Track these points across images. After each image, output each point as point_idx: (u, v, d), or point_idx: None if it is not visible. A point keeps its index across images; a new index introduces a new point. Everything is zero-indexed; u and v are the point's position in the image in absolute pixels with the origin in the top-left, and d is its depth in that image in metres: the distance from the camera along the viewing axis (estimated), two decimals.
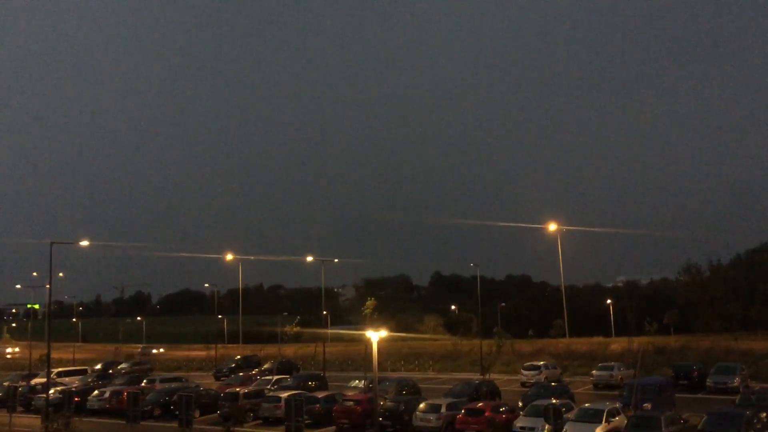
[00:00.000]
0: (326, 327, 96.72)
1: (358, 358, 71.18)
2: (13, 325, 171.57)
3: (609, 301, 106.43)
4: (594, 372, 52.93)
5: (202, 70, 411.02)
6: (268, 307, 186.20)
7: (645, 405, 35.65)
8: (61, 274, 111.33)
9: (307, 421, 32.79)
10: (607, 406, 33.81)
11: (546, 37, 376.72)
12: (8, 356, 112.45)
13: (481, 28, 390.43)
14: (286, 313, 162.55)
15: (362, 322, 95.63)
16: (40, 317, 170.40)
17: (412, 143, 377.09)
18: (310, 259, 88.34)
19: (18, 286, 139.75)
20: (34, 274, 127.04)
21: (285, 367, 66.09)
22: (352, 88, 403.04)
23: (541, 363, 57.43)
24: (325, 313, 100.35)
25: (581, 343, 75.66)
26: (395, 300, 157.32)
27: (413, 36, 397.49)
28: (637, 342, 64.80)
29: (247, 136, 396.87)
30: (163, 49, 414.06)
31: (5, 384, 56.95)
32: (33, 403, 51.32)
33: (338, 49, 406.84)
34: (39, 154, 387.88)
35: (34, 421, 44.00)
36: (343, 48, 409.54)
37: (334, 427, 39.18)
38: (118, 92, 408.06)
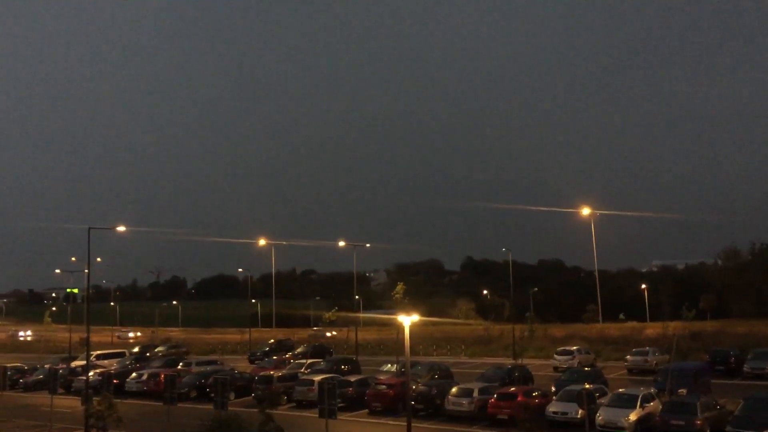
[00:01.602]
0: (358, 312, 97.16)
1: (390, 343, 71.55)
2: (53, 309, 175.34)
3: (644, 286, 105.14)
4: (628, 357, 52.47)
5: (239, 63, 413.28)
6: (301, 292, 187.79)
7: (680, 390, 35.21)
8: (99, 259, 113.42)
9: (340, 405, 33.05)
10: (642, 391, 33.47)
11: (575, 20, 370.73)
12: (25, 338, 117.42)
13: (511, 13, 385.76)
14: (318, 298, 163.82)
15: (394, 307, 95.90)
16: (79, 301, 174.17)
17: (443, 128, 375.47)
18: (342, 244, 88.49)
19: (57, 271, 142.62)
20: (73, 259, 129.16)
21: (318, 351, 66.70)
22: (383, 75, 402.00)
23: (575, 348, 57.09)
24: (357, 297, 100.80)
25: (615, 328, 74.99)
26: (427, 285, 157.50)
27: (446, 22, 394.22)
28: (672, 327, 63.99)
29: (280, 124, 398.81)
30: (206, 40, 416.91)
31: (46, 366, 58.50)
32: (73, 384, 52.61)
33: (370, 39, 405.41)
34: (77, 142, 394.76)
35: (74, 402, 45.07)
36: (375, 37, 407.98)
37: (366, 411, 39.44)
38: (154, 78, 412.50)
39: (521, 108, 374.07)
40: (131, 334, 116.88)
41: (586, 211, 76.49)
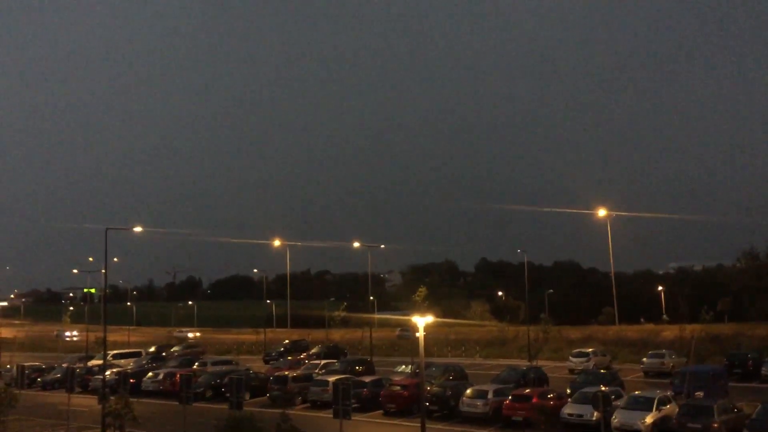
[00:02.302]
0: (373, 312, 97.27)
1: (405, 344, 71.53)
2: (71, 308, 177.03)
3: (660, 288, 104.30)
4: (644, 359, 52.12)
5: (255, 67, 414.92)
6: (315, 293, 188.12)
7: (697, 393, 34.97)
8: (115, 260, 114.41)
9: (354, 405, 33.10)
10: (658, 393, 33.27)
11: (593, 21, 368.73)
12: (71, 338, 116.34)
13: (527, 13, 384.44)
14: (333, 299, 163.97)
15: (410, 308, 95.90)
16: (96, 301, 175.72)
17: (459, 130, 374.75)
18: (356, 245, 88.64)
19: (75, 271, 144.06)
20: (90, 259, 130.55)
21: (332, 351, 66.85)
22: (398, 77, 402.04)
23: (590, 350, 56.82)
24: (372, 298, 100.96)
25: (631, 330, 74.46)
26: (441, 286, 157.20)
27: (462, 25, 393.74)
28: (690, 329, 63.44)
29: (296, 125, 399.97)
30: (222, 43, 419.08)
31: (64, 365, 59.09)
32: (90, 383, 53.13)
33: (387, 42, 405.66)
34: (94, 143, 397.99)
35: (91, 401, 45.50)
36: (392, 39, 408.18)
37: (381, 411, 39.50)
38: (171, 80, 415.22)
39: (537, 109, 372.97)
40: (68, 334, 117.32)
41: (602, 212, 76.03)
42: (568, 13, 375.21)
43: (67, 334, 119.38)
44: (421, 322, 27.10)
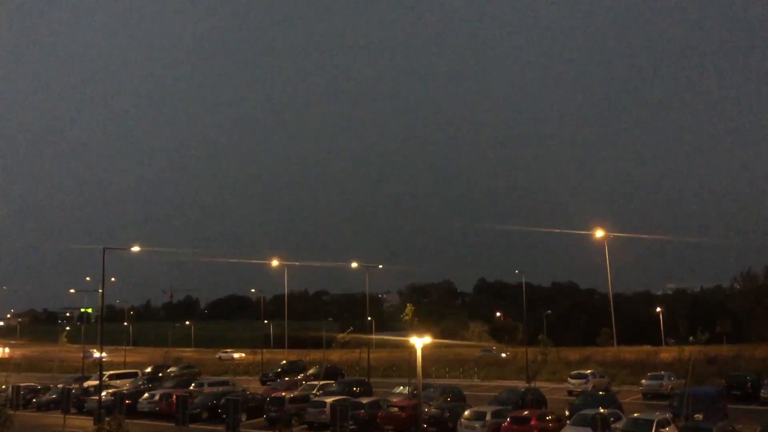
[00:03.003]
0: (370, 333, 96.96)
1: (403, 365, 71.13)
2: (67, 328, 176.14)
3: (658, 309, 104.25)
4: (643, 381, 51.88)
5: (253, 86, 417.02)
6: (313, 313, 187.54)
7: (696, 416, 34.78)
8: (113, 279, 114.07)
9: (351, 427, 32.91)
10: (657, 416, 33.08)
11: (589, 40, 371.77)
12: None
13: (530, 37, 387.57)
14: (330, 319, 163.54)
15: (407, 328, 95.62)
16: (93, 321, 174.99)
17: (457, 150, 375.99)
18: (354, 265, 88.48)
19: (72, 291, 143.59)
20: (87, 278, 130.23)
21: (330, 372, 66.47)
22: (397, 97, 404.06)
23: (589, 371, 56.58)
24: (369, 319, 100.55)
25: (630, 352, 74.21)
26: (440, 306, 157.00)
27: (461, 46, 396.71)
28: (688, 351, 63.24)
29: (294, 145, 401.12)
30: (220, 63, 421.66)
31: (59, 386, 58.71)
32: (85, 404, 52.71)
33: (383, 61, 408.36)
34: (91, 163, 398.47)
35: (87, 422, 45.10)
36: (389, 58, 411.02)
37: None
38: (167, 100, 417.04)
39: (535, 130, 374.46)
40: (97, 355, 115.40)
41: (599, 233, 76.15)
42: (562, 38, 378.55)
43: (96, 354, 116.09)
44: (419, 342, 27.06)
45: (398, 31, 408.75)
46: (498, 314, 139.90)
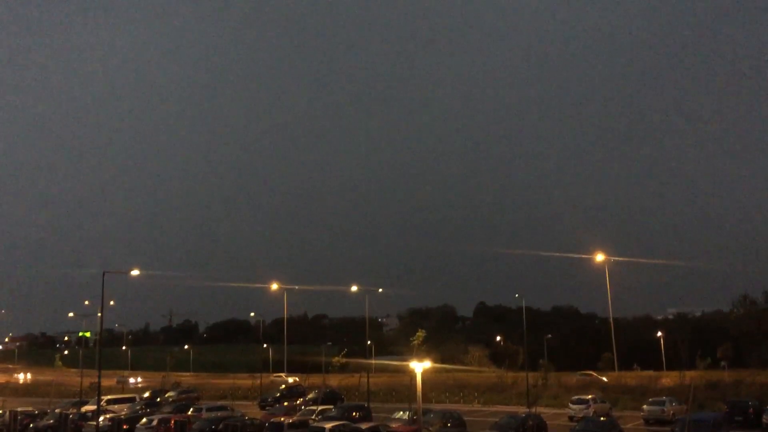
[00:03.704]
0: (370, 357, 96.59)
1: (403, 389, 70.75)
2: (65, 352, 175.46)
3: (659, 334, 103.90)
4: (644, 407, 51.62)
5: (252, 109, 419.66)
6: (313, 337, 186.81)
7: None
8: (111, 303, 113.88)
9: None
10: None
11: (588, 64, 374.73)
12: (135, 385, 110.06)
13: (523, 61, 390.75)
14: (330, 343, 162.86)
15: (407, 353, 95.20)
16: (91, 345, 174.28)
17: (457, 173, 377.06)
18: (354, 288, 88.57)
19: (71, 315, 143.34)
20: (86, 302, 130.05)
21: (329, 397, 66.07)
22: (398, 120, 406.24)
23: (590, 396, 56.27)
24: (369, 343, 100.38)
25: (631, 377, 73.87)
26: (440, 330, 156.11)
27: (464, 67, 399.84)
28: (689, 376, 62.98)
29: (293, 169, 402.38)
30: (216, 87, 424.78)
31: (57, 411, 58.27)
32: (83, 429, 52.31)
33: (383, 85, 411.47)
34: (92, 188, 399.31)
35: None
36: (389, 82, 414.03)
37: None
38: (165, 124, 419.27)
39: (536, 154, 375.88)
40: (132, 380, 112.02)
41: (600, 257, 76.21)
42: (564, 61, 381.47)
43: (132, 380, 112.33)
44: (419, 367, 26.99)
45: (401, 61, 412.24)
46: (498, 338, 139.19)
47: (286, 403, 64.22)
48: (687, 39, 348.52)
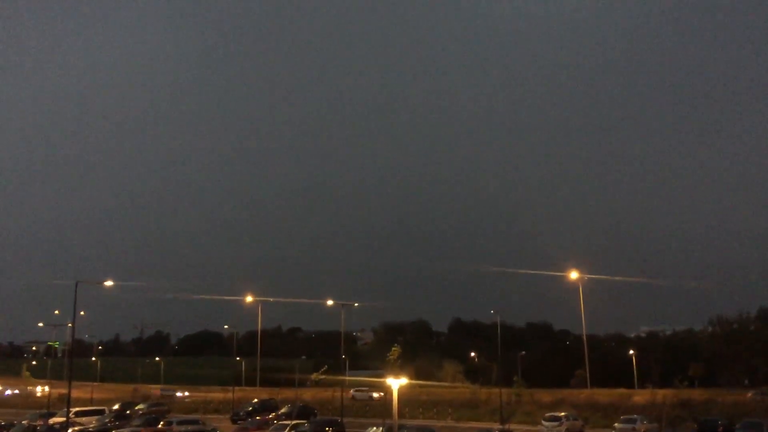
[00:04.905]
0: (345, 371, 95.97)
1: (376, 404, 70.46)
2: (33, 363, 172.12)
3: (632, 352, 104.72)
4: (616, 424, 51.93)
5: (229, 120, 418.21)
6: (286, 350, 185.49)
7: None
8: (82, 313, 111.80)
9: None
10: None
11: (570, 86, 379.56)
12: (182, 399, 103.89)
13: (509, 79, 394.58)
14: (304, 357, 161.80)
15: (382, 367, 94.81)
16: (60, 355, 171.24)
17: (433, 189, 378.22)
18: (330, 302, 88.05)
19: (40, 324, 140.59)
20: (56, 312, 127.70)
21: (303, 411, 65.58)
22: (374, 135, 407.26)
23: (562, 414, 56.48)
24: (344, 357, 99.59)
25: (603, 394, 74.31)
26: (414, 345, 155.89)
27: (443, 87, 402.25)
28: (661, 394, 63.48)
29: (267, 181, 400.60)
30: (204, 102, 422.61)
31: (24, 423, 57.12)
32: None
33: (367, 95, 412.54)
34: (65, 196, 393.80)
35: None
36: (371, 92, 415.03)
37: None
38: (140, 135, 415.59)
39: (511, 172, 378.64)
40: (179, 393, 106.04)
41: (574, 274, 76.79)
42: (542, 78, 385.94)
43: (179, 393, 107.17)
44: (395, 384, 26.90)
45: (386, 71, 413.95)
46: (472, 354, 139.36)
47: (258, 417, 63.62)
48: (680, 58, 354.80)
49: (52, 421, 59.55)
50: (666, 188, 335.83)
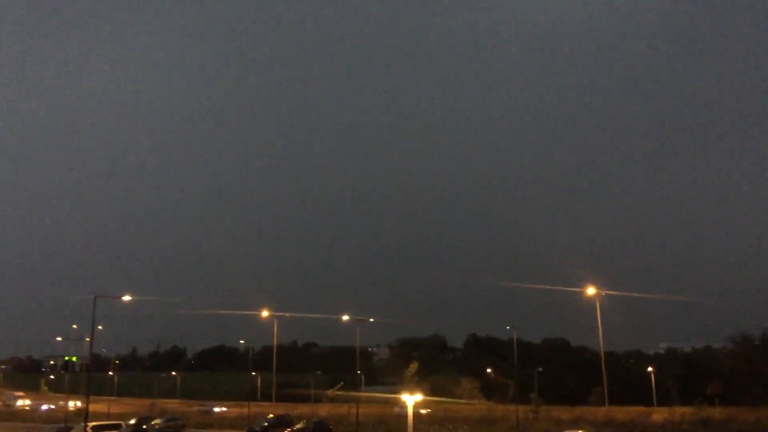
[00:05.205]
0: (360, 387, 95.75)
1: (392, 420, 70.15)
2: (51, 377, 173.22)
3: (650, 369, 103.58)
4: None
5: (242, 137, 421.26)
6: (302, 365, 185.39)
7: None
8: (100, 327, 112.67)
9: None
10: None
11: (588, 102, 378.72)
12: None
13: (522, 92, 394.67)
14: (319, 372, 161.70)
15: (397, 383, 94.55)
16: (78, 370, 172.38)
17: (449, 205, 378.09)
18: (345, 318, 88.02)
19: (58, 338, 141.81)
20: (74, 326, 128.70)
21: (318, 427, 65.43)
22: (388, 149, 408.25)
23: (580, 431, 55.94)
24: (359, 372, 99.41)
25: (621, 412, 73.52)
26: (430, 361, 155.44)
27: (454, 96, 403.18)
28: (680, 412, 62.69)
29: (285, 197, 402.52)
30: (216, 109, 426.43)
31: None
32: None
33: (372, 111, 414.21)
34: (84, 211, 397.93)
35: None
36: (377, 107, 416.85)
37: None
38: (159, 151, 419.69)
39: (528, 185, 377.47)
40: (217, 409, 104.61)
41: (591, 290, 76.21)
42: (556, 90, 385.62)
43: (216, 409, 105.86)
44: (411, 400, 26.85)
45: (390, 88, 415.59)
46: (489, 370, 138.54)
47: None
48: (692, 70, 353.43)
49: None
50: (686, 203, 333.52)
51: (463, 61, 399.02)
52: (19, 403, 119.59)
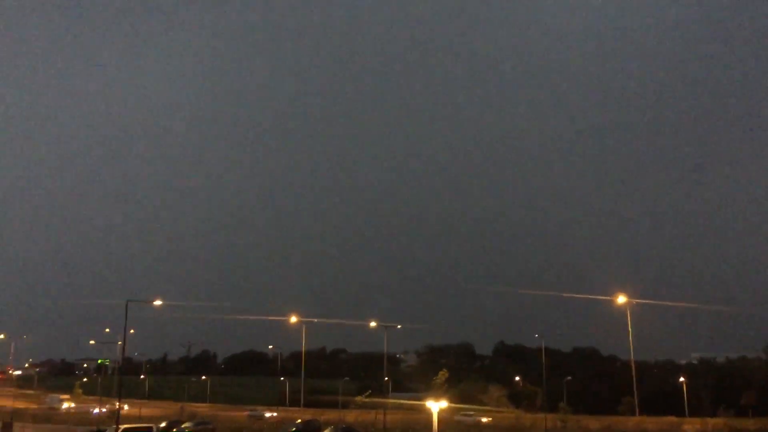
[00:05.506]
0: (387, 393, 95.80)
1: (420, 427, 70.10)
2: (84, 380, 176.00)
3: (682, 379, 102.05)
4: None
5: (270, 140, 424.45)
6: (330, 371, 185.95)
7: None
8: (132, 331, 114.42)
9: None
10: None
11: (621, 110, 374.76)
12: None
13: (558, 103, 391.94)
14: (347, 378, 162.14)
15: (425, 390, 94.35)
16: (110, 373, 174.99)
17: (478, 213, 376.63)
18: (373, 324, 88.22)
19: (91, 342, 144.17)
20: (107, 330, 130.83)
21: None
22: (416, 156, 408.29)
23: None
24: (387, 379, 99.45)
25: (652, 422, 72.57)
26: (458, 369, 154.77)
27: (490, 106, 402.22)
28: (712, 423, 61.75)
29: (315, 203, 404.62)
30: (235, 119, 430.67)
31: None
32: None
33: (397, 117, 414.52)
34: (116, 216, 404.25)
35: None
36: (403, 114, 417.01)
37: None
38: (182, 158, 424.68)
39: (560, 193, 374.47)
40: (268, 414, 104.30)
41: (621, 299, 75.41)
42: (583, 99, 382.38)
43: (267, 414, 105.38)
44: (435, 407, 26.96)
45: (416, 93, 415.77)
46: (517, 378, 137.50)
47: None
48: (711, 73, 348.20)
49: None
50: (721, 211, 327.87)
51: (500, 64, 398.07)
52: (65, 405, 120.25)
